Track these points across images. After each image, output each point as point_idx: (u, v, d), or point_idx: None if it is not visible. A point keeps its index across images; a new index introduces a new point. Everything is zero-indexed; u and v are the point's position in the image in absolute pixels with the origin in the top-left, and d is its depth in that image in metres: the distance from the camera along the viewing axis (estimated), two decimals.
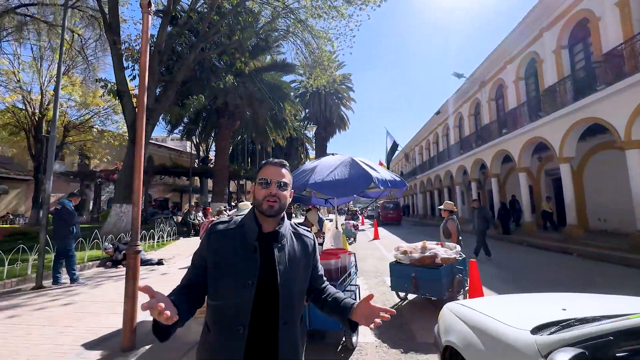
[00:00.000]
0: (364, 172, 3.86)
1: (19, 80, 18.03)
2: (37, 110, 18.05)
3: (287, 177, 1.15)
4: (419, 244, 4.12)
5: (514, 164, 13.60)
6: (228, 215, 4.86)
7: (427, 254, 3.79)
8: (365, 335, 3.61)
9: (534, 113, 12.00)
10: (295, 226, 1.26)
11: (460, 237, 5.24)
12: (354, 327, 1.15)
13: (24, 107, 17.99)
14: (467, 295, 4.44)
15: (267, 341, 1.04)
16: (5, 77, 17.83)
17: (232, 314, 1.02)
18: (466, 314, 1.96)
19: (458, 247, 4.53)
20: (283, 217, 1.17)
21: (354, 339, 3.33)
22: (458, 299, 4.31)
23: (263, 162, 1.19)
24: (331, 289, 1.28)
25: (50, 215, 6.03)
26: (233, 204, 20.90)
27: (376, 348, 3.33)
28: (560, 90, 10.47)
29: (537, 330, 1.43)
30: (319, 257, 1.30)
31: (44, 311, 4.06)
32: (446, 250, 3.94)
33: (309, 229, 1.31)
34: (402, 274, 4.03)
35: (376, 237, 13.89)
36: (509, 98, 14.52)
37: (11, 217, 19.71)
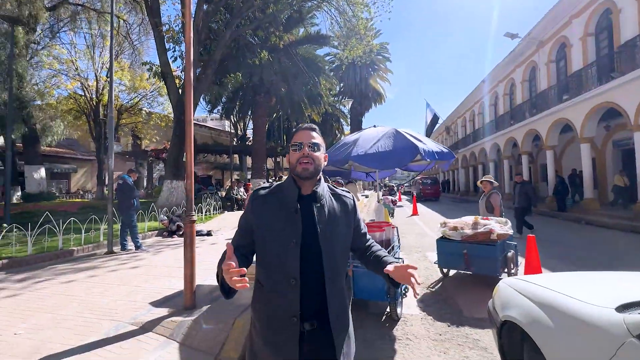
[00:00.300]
0: (410, 143, 3.68)
1: (77, 68, 19.69)
2: (94, 96, 19.71)
3: (318, 138, 1.17)
4: (470, 219, 3.89)
5: (575, 134, 12.16)
6: None
7: (481, 229, 3.57)
8: (409, 307, 3.61)
9: (605, 74, 10.44)
10: (334, 187, 1.28)
11: (503, 213, 4.91)
12: (395, 284, 1.16)
13: (82, 94, 19.75)
14: (518, 273, 4.19)
15: (317, 294, 1.10)
16: (65, 66, 19.57)
17: (282, 270, 1.09)
18: (529, 290, 1.83)
19: (509, 222, 4.24)
20: (320, 179, 1.20)
21: (398, 310, 3.34)
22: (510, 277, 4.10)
23: (294, 129, 1.23)
24: (375, 247, 1.29)
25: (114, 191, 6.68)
26: (271, 180, 21.54)
27: (421, 320, 3.32)
28: None
29: (622, 308, 1.29)
30: (360, 216, 1.31)
31: (117, 272, 4.62)
32: (501, 226, 3.68)
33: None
34: (451, 250, 3.85)
35: (415, 213, 13.56)
36: (574, 58, 12.74)
37: (81, 192, 22.35)
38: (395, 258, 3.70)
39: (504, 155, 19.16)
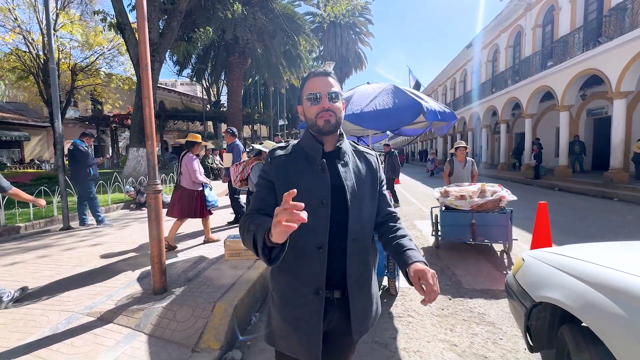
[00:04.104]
0: (413, 100, 3.20)
1: (16, 18, 16.89)
2: (40, 53, 17.20)
3: (336, 86, 1.03)
4: (474, 187, 3.58)
5: (555, 101, 12.21)
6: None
7: (491, 197, 3.29)
8: (406, 281, 3.37)
9: (592, 39, 10.26)
10: (355, 144, 1.17)
11: None
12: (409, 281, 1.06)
13: (27, 50, 17.15)
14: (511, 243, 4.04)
15: (343, 259, 1.01)
16: (1, 15, 16.71)
17: (309, 235, 0.97)
18: (575, 266, 1.53)
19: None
20: (342, 134, 1.08)
21: (396, 283, 3.09)
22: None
23: (305, 75, 1.07)
24: (399, 230, 1.11)
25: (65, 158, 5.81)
26: (249, 149, 20.64)
27: None
28: (634, 6, 8.66)
29: None
30: (383, 176, 1.18)
31: (73, 251, 4.01)
32: (508, 192, 3.42)
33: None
34: (457, 221, 3.56)
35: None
36: (561, 22, 12.44)
37: (37, 162, 20.32)
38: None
39: (482, 124, 19.30)
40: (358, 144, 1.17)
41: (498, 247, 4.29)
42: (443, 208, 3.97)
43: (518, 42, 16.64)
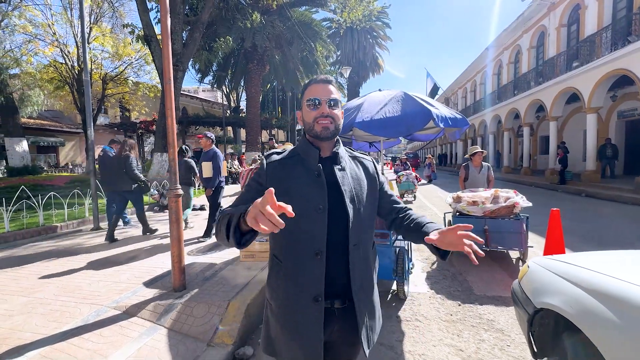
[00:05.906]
0: (422, 107, 3.25)
1: (54, 33, 18.24)
2: (75, 64, 18.46)
3: (336, 93, 1.05)
4: (487, 193, 3.55)
5: (582, 104, 11.70)
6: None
7: (504, 203, 3.26)
8: (416, 285, 3.40)
9: (621, 38, 9.79)
10: (351, 150, 1.19)
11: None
12: (443, 254, 0.98)
13: (63, 61, 18.46)
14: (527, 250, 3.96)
15: (343, 266, 1.01)
16: (42, 30, 18.11)
17: (306, 242, 0.99)
18: (576, 274, 1.54)
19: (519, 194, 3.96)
20: (338, 140, 1.11)
21: (405, 288, 3.12)
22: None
23: (307, 82, 1.09)
24: (413, 214, 1.14)
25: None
26: (267, 153, 21.04)
27: (430, 299, 3.11)
28: None
29: None
30: (384, 179, 1.21)
31: (102, 251, 4.32)
32: (523, 198, 3.38)
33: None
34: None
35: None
36: (588, 22, 11.94)
37: (71, 166, 21.68)
38: None
39: (504, 127, 18.72)
40: (354, 150, 1.19)
41: (514, 254, 4.21)
42: (456, 214, 3.96)
43: (541, 42, 16.08)
